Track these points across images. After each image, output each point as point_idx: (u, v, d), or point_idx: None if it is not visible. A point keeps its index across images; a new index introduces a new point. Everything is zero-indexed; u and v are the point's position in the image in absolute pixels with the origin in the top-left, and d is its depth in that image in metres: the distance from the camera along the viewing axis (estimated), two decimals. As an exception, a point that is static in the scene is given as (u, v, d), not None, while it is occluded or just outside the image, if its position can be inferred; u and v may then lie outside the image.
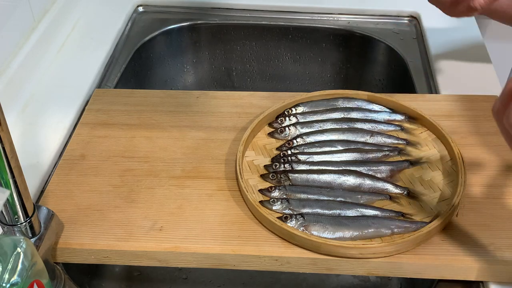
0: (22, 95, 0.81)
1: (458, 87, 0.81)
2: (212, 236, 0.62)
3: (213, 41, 1.03)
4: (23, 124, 0.78)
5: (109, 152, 0.72)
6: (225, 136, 0.74)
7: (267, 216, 0.61)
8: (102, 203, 0.66)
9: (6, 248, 0.47)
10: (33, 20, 0.86)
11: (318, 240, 0.59)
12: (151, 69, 1.01)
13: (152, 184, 0.68)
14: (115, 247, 0.61)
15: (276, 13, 1.00)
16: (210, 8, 1.02)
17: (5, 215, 0.54)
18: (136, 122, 0.76)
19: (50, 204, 0.66)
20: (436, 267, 0.59)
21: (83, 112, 0.79)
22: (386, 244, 0.58)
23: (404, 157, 0.69)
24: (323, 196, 0.65)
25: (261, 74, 1.06)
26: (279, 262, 0.61)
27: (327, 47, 1.00)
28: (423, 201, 0.64)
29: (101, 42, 0.93)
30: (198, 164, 0.70)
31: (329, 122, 0.74)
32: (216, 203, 0.65)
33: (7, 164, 0.50)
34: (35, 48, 0.85)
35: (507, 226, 0.61)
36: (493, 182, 0.66)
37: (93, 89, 0.85)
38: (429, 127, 0.72)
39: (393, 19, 0.98)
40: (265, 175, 0.67)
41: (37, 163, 0.72)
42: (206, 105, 0.79)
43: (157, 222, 0.63)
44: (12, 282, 0.47)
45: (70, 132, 0.77)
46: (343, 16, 0.99)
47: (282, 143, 0.72)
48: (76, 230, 0.63)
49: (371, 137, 0.71)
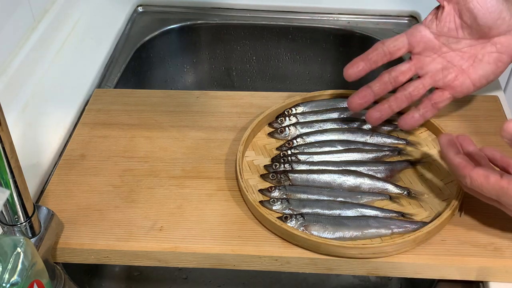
0: (22, 95, 0.81)
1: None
2: (212, 236, 0.62)
3: (213, 41, 1.03)
4: (23, 124, 0.78)
5: (109, 152, 0.72)
6: (225, 136, 0.74)
7: (267, 216, 0.61)
8: (102, 203, 0.66)
9: (6, 248, 0.47)
10: (33, 20, 0.86)
11: (318, 240, 0.59)
12: (151, 69, 1.01)
13: (152, 184, 0.68)
14: (115, 247, 0.61)
15: (276, 13, 1.00)
16: (210, 8, 1.02)
17: (5, 215, 0.54)
18: (136, 122, 0.76)
19: (50, 204, 0.66)
20: (436, 267, 0.59)
21: (83, 112, 0.79)
22: (386, 244, 0.58)
23: (404, 157, 0.69)
24: (323, 196, 0.65)
25: (261, 74, 1.06)
26: (279, 262, 0.61)
27: (327, 47, 1.00)
28: (423, 201, 0.64)
29: (101, 42, 0.93)
30: (198, 164, 0.70)
31: (329, 122, 0.74)
32: (216, 203, 0.65)
33: (7, 164, 0.50)
34: (35, 48, 0.85)
35: (507, 226, 0.61)
36: (493, 182, 0.66)
37: (93, 89, 0.85)
38: (429, 127, 0.72)
39: (393, 19, 0.98)
40: (265, 175, 0.67)
41: (37, 163, 0.72)
42: (206, 105, 0.79)
43: (157, 222, 0.63)
44: (12, 282, 0.47)
45: (70, 132, 0.77)
46: (343, 16, 0.99)
47: (282, 143, 0.72)
48: (76, 230, 0.63)
49: (371, 137, 0.71)
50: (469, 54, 0.67)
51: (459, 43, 0.67)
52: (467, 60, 0.67)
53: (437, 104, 0.68)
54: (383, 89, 0.69)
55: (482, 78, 0.67)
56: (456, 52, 0.68)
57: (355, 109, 0.70)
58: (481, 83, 0.68)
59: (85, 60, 0.89)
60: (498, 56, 0.66)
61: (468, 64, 0.67)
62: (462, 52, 0.67)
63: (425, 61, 0.68)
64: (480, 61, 0.67)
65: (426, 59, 0.68)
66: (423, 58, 0.69)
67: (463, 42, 0.67)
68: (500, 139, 0.71)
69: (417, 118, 0.69)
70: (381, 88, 0.69)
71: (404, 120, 0.69)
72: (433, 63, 0.68)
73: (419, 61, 0.69)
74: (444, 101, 0.69)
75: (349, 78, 0.69)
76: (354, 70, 0.68)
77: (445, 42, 0.67)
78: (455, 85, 0.68)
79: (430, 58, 0.68)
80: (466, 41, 0.67)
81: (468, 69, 0.67)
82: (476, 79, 0.67)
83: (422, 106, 0.69)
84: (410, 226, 0.60)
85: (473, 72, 0.67)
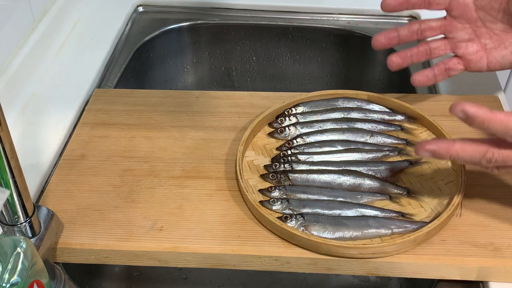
0: (22, 95, 0.81)
1: (458, 87, 0.81)
2: (212, 236, 0.62)
3: (213, 41, 1.03)
4: (23, 124, 0.78)
5: (109, 152, 0.72)
6: (225, 136, 0.74)
7: (267, 216, 0.61)
8: (102, 203, 0.66)
9: (6, 248, 0.47)
10: (33, 20, 0.86)
11: (318, 240, 0.59)
12: (151, 69, 1.01)
13: (152, 184, 0.68)
14: (115, 247, 0.61)
15: (276, 13, 1.00)
16: (210, 8, 1.02)
17: (5, 215, 0.54)
18: (136, 122, 0.76)
19: (50, 204, 0.66)
20: (436, 267, 0.59)
21: (83, 112, 0.79)
22: (386, 244, 0.58)
23: (404, 157, 0.69)
24: (323, 196, 0.65)
25: (261, 74, 1.06)
26: (279, 262, 0.61)
27: (327, 47, 1.00)
28: (423, 201, 0.64)
29: (101, 42, 0.93)
30: (198, 164, 0.70)
31: (329, 122, 0.74)
32: (216, 203, 0.65)
33: (7, 164, 0.50)
34: (35, 48, 0.85)
35: (507, 226, 0.61)
36: (493, 182, 0.66)
37: (93, 89, 0.85)
38: (429, 127, 0.72)
39: (393, 19, 0.98)
40: (265, 175, 0.67)
41: (37, 163, 0.72)
42: (206, 105, 0.79)
43: (157, 222, 0.63)
44: (12, 282, 0.47)
45: (70, 132, 0.77)
46: (343, 16, 0.99)
47: (282, 143, 0.72)
48: (76, 230, 0.63)
49: (371, 137, 0.71)
50: (498, 37, 0.68)
51: (494, 24, 0.68)
52: (494, 42, 0.68)
53: (449, 71, 0.70)
54: (409, 36, 0.70)
55: (497, 64, 0.68)
56: (488, 30, 0.68)
57: (377, 47, 0.71)
58: (495, 67, 0.69)
59: (85, 60, 0.89)
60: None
61: (493, 45, 0.68)
62: (494, 33, 0.68)
63: (456, 27, 0.69)
64: (505, 48, 0.68)
65: (458, 25, 0.69)
66: (455, 22, 0.69)
67: (498, 24, 0.68)
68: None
69: (430, 77, 0.71)
70: (407, 35, 0.70)
71: (418, 76, 0.71)
72: (463, 31, 0.69)
73: (451, 24, 0.70)
74: (457, 71, 0.70)
75: (387, 8, 0.69)
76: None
77: (482, 18, 0.68)
78: (471, 59, 0.69)
79: (461, 25, 0.69)
80: (502, 25, 0.68)
81: (491, 50, 0.68)
82: (493, 62, 0.68)
83: (437, 68, 0.70)
84: (410, 226, 0.60)
85: (493, 55, 0.68)
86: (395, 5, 0.69)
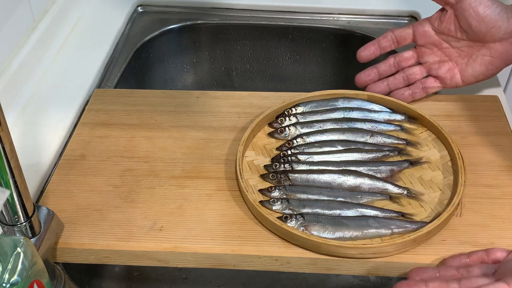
0: (22, 95, 0.81)
1: (458, 87, 0.81)
2: (212, 236, 0.62)
3: (213, 41, 1.03)
4: (23, 124, 0.78)
5: (109, 152, 0.72)
6: (225, 136, 0.74)
7: (267, 216, 0.61)
8: (102, 203, 0.66)
9: (6, 248, 0.47)
10: (33, 20, 0.86)
11: (318, 240, 0.59)
12: (151, 69, 1.01)
13: (152, 184, 0.68)
14: (115, 247, 0.61)
15: (276, 13, 1.00)
16: (210, 8, 1.02)
17: (5, 215, 0.54)
18: (136, 122, 0.76)
19: (50, 204, 0.66)
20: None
21: (83, 112, 0.79)
22: (386, 244, 0.58)
23: (404, 157, 0.69)
24: (323, 196, 0.65)
25: (261, 74, 1.06)
26: (279, 262, 0.61)
27: (327, 47, 1.00)
28: (423, 201, 0.64)
29: (101, 42, 0.93)
30: (198, 164, 0.70)
31: (329, 122, 0.74)
32: (216, 203, 0.65)
33: (7, 164, 0.50)
34: (35, 48, 0.85)
35: (507, 226, 0.61)
36: (493, 182, 0.66)
37: (93, 89, 0.85)
38: (429, 127, 0.72)
39: (393, 19, 0.98)
40: (265, 175, 0.67)
41: (37, 163, 0.72)
42: (206, 105, 0.79)
43: (157, 222, 0.63)
44: (12, 282, 0.47)
45: (70, 132, 0.77)
46: (343, 16, 0.99)
47: (282, 143, 0.72)
48: (76, 230, 0.63)
49: (371, 137, 0.71)
50: (466, 53, 0.74)
51: (459, 42, 0.74)
52: (463, 58, 0.74)
53: (427, 89, 0.76)
54: (387, 70, 0.78)
55: (470, 77, 0.74)
56: (455, 49, 0.75)
57: (360, 85, 0.79)
58: (470, 80, 0.74)
59: (85, 60, 0.89)
60: (491, 60, 0.72)
61: (462, 61, 0.74)
62: (461, 50, 0.74)
63: (426, 52, 0.76)
64: (474, 61, 0.73)
65: (427, 51, 0.76)
66: (424, 49, 0.76)
67: (462, 42, 0.74)
68: (500, 138, 0.71)
69: (406, 95, 0.76)
70: (386, 70, 0.78)
71: (395, 94, 0.77)
72: (432, 55, 0.76)
73: (421, 51, 0.77)
74: (434, 88, 0.76)
75: (361, 59, 0.79)
76: (366, 53, 0.78)
77: (446, 40, 0.75)
78: (445, 77, 0.75)
79: (430, 50, 0.76)
80: (465, 41, 0.74)
81: (461, 66, 0.74)
82: (466, 76, 0.74)
83: (414, 87, 0.77)
84: (410, 226, 0.60)
85: (465, 70, 0.74)
86: (369, 54, 0.78)
